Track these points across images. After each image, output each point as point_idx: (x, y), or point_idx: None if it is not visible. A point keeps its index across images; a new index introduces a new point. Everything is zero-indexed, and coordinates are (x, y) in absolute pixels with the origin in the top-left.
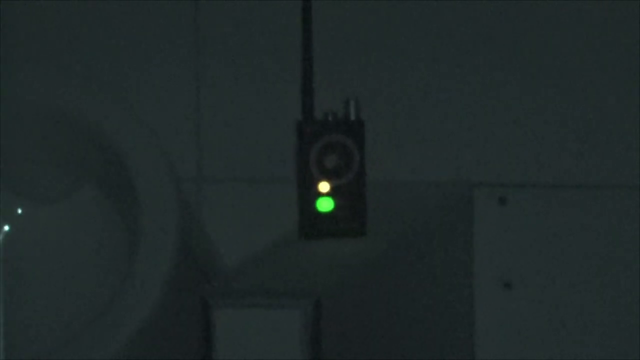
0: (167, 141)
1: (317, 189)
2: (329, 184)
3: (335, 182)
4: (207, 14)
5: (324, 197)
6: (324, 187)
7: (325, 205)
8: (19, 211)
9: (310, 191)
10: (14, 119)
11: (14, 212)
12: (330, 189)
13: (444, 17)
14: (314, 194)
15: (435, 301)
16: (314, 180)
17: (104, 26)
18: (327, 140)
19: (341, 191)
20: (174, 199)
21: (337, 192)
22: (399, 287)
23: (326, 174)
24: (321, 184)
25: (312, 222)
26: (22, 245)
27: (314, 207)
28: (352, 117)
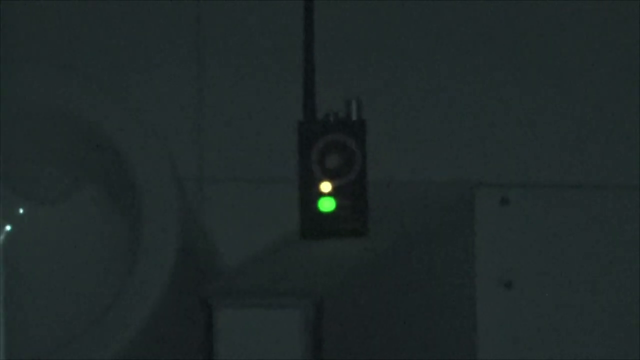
0: (168, 141)
1: (319, 188)
2: (330, 184)
3: (336, 182)
4: (209, 14)
5: (326, 197)
6: (326, 187)
7: (326, 205)
8: (20, 211)
9: (311, 191)
10: (15, 119)
11: (15, 211)
12: (331, 189)
13: (445, 17)
14: (316, 193)
15: (436, 301)
16: (316, 180)
17: (104, 26)
18: (329, 140)
19: (343, 191)
20: (175, 199)
21: (339, 192)
22: (400, 287)
23: (328, 174)
24: (323, 184)
25: (313, 222)
26: (23, 245)
27: (315, 207)
28: (353, 117)
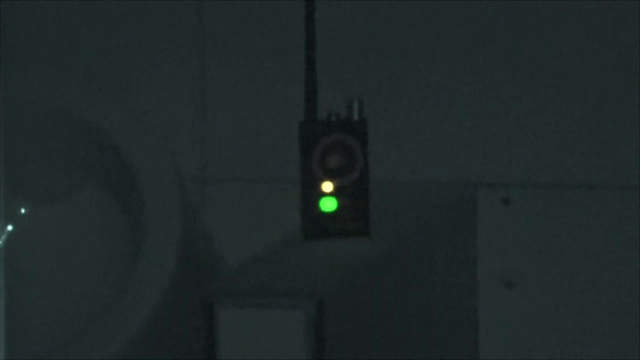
0: (170, 141)
1: (320, 189)
2: (332, 184)
3: (338, 182)
4: (211, 14)
5: (328, 197)
6: (327, 187)
7: (328, 205)
8: (22, 211)
9: (313, 191)
10: (17, 119)
11: (17, 211)
12: (333, 189)
13: (446, 17)
14: (317, 194)
15: (438, 301)
16: (317, 180)
17: (105, 26)
18: (330, 140)
19: (344, 191)
20: (176, 199)
21: (341, 192)
22: (402, 287)
23: (329, 174)
24: (324, 184)
25: (315, 222)
26: (25, 244)
27: (317, 207)
28: (355, 117)
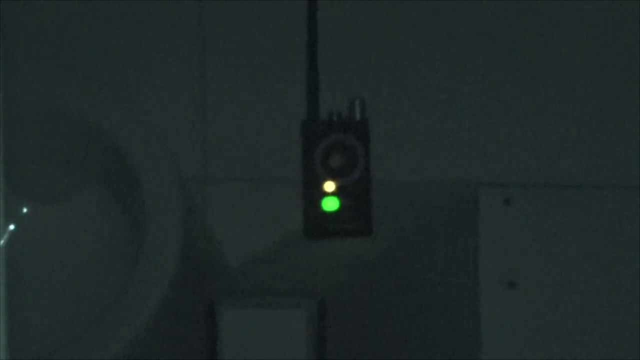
0: (171, 141)
1: (322, 188)
2: (334, 183)
3: (340, 182)
4: (212, 14)
5: (329, 196)
6: (329, 186)
7: (330, 204)
8: (24, 210)
9: (315, 191)
10: (18, 119)
11: (18, 211)
12: (335, 189)
13: (447, 17)
14: (319, 193)
15: (439, 301)
16: (319, 179)
17: (105, 26)
18: (332, 139)
19: (346, 191)
20: (178, 198)
21: (343, 191)
22: (403, 287)
23: (331, 173)
24: (326, 183)
25: (317, 222)
26: (25, 244)
27: (319, 206)
28: (357, 117)
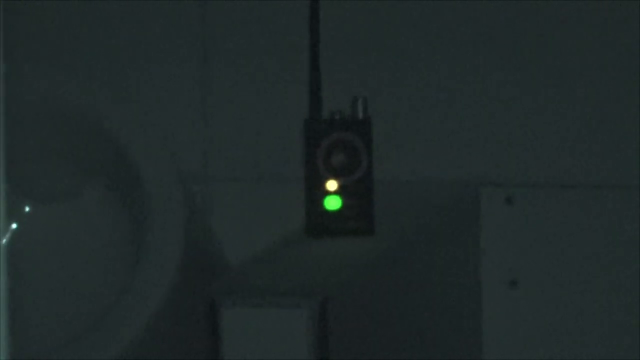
0: (173, 140)
1: (325, 187)
2: (336, 182)
3: (342, 181)
4: (214, 13)
5: (332, 195)
6: (332, 185)
7: (332, 203)
8: (26, 209)
9: (317, 190)
10: (21, 118)
11: (20, 210)
12: (337, 188)
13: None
14: (322, 192)
15: (441, 300)
16: (322, 178)
17: (107, 26)
18: (335, 138)
19: (349, 190)
20: (179, 198)
21: (345, 190)
22: (405, 286)
23: (333, 172)
24: (329, 182)
25: (319, 221)
26: (27, 243)
27: (321, 205)
28: (359, 116)
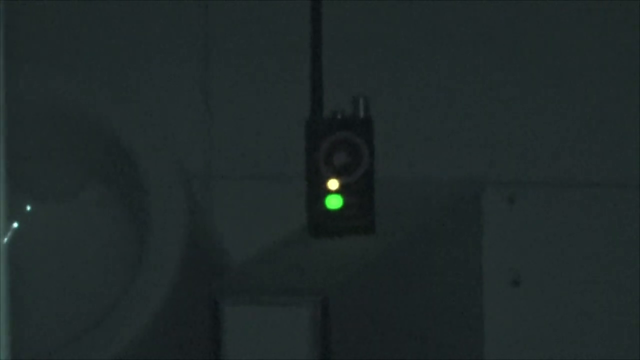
0: (174, 138)
1: (326, 186)
2: (338, 181)
3: (344, 180)
4: (215, 13)
5: (333, 194)
6: (333, 184)
7: (334, 202)
8: (27, 208)
9: (319, 189)
10: (21, 117)
11: (21, 209)
12: (339, 187)
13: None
14: (323, 191)
15: (443, 299)
16: (323, 177)
17: (109, 25)
18: (336, 137)
19: (350, 189)
20: (181, 196)
21: (346, 189)
22: (407, 285)
23: (335, 171)
24: (330, 181)
25: (321, 220)
26: (27, 243)
27: (322, 204)
28: (361, 115)
